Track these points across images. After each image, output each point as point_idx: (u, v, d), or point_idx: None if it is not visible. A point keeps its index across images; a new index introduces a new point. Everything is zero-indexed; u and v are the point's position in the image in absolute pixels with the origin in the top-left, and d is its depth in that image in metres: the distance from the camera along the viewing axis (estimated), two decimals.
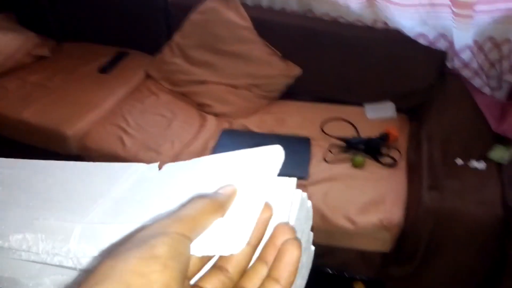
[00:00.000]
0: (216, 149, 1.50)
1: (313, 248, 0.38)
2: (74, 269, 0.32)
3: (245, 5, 1.72)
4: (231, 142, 1.54)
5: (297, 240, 0.27)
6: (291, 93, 1.75)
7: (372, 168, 1.39)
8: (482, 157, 1.31)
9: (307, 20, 1.70)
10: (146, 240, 0.22)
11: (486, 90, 1.50)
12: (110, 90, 1.80)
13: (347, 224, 1.23)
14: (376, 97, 1.67)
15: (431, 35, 1.52)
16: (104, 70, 1.87)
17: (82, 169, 0.42)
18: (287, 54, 1.70)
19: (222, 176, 0.31)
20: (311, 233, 0.37)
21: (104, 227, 0.31)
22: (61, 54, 2.02)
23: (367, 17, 1.60)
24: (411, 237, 1.20)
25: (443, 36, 1.51)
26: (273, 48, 1.69)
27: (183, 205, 0.26)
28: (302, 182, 1.35)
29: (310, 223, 0.35)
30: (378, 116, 1.62)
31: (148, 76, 1.88)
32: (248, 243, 0.26)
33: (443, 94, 1.54)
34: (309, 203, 0.35)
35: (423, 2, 1.46)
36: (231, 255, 0.26)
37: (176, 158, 1.49)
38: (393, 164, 1.40)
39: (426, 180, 1.24)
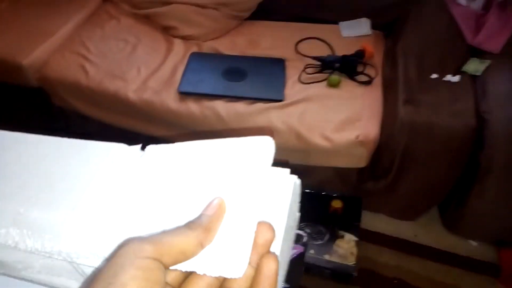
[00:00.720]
0: (185, 74, 1.42)
1: (298, 214, 0.38)
2: (65, 260, 0.32)
3: None
4: (201, 66, 1.46)
5: (273, 253, 0.27)
6: (263, 12, 1.65)
7: (348, 87, 1.37)
8: (457, 71, 1.30)
9: None
10: (116, 277, 0.21)
11: (462, 1, 1.46)
12: (66, 14, 1.66)
13: (323, 142, 1.22)
14: (351, 14, 1.60)
15: None
16: None
17: (58, 146, 0.38)
18: None
19: (213, 172, 0.30)
20: (298, 214, 0.37)
21: (91, 220, 0.31)
22: None
23: None
24: (387, 151, 1.22)
25: None
26: None
27: (164, 232, 0.25)
28: (278, 104, 1.31)
29: (298, 205, 0.35)
30: (353, 33, 1.57)
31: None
32: (249, 264, 0.26)
33: (418, 7, 1.49)
34: (298, 181, 0.34)
35: None
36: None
37: (143, 85, 1.41)
38: (368, 82, 1.37)
39: (401, 95, 1.23)
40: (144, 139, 0.59)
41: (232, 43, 1.58)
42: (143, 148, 0.36)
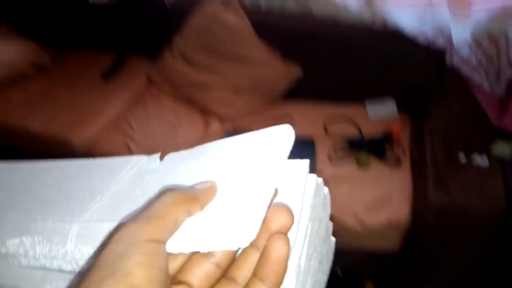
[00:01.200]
0: None
1: (333, 239, 0.35)
2: (74, 273, 0.30)
3: (244, 8, 1.73)
4: None
5: (286, 236, 0.24)
6: (293, 93, 1.77)
7: (377, 167, 1.42)
8: (485, 151, 1.33)
9: (306, 21, 1.71)
10: (121, 262, 0.19)
11: (485, 86, 1.53)
12: (113, 96, 1.81)
13: (355, 225, 1.25)
14: (377, 95, 1.69)
15: (429, 32, 1.54)
16: (106, 75, 1.88)
17: (82, 166, 0.40)
18: (287, 55, 1.71)
19: (228, 162, 0.28)
20: (331, 223, 0.33)
21: (101, 225, 0.29)
22: (62, 61, 2.02)
23: (366, 17, 1.62)
24: (419, 235, 1.23)
25: (441, 33, 1.54)
26: (273, 49, 1.71)
27: (151, 202, 0.23)
28: None
29: (328, 211, 0.32)
30: (380, 114, 1.65)
31: (150, 81, 1.89)
32: (257, 248, 0.24)
33: (443, 90, 1.57)
34: (326, 189, 0.31)
35: (421, 0, 1.49)
36: (243, 263, 0.24)
37: None
38: (397, 163, 1.42)
39: (430, 178, 1.27)
40: None
41: (264, 122, 1.69)
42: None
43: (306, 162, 0.30)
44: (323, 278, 0.33)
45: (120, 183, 0.35)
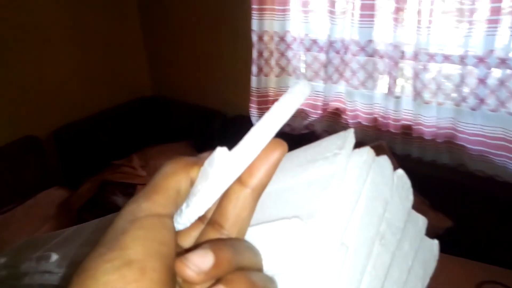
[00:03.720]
0: None
1: (435, 241, 0.31)
2: None
3: (394, 154, 1.85)
4: None
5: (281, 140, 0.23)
6: (442, 245, 1.71)
7: None
8: None
9: (459, 174, 1.73)
10: (118, 238, 0.19)
11: None
12: None
13: None
14: None
15: None
16: None
17: None
18: (437, 205, 1.72)
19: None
20: (421, 217, 0.29)
21: None
22: None
23: None
24: None
25: None
26: (423, 197, 1.74)
27: (154, 178, 0.23)
28: None
29: (404, 197, 0.27)
30: None
31: None
32: (249, 186, 0.22)
33: None
34: (400, 171, 0.27)
35: None
36: (227, 203, 0.22)
37: None
38: None
39: None
40: None
41: None
42: None
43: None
44: (413, 283, 0.28)
45: None
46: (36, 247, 0.51)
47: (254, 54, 2.06)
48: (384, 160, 0.26)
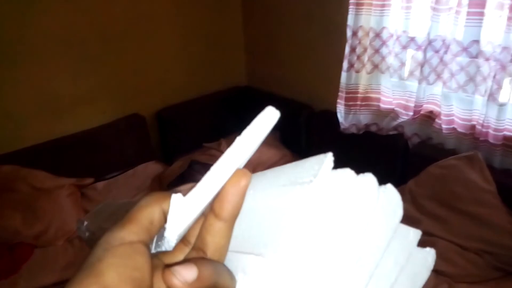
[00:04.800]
0: None
1: (432, 251, 0.30)
2: None
3: (491, 168, 1.68)
4: None
5: (245, 170, 0.24)
6: None
7: None
8: None
9: None
10: (94, 265, 0.21)
11: None
12: None
13: None
14: None
15: None
16: None
17: None
18: None
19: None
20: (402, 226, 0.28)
21: None
22: None
23: None
24: None
25: None
26: None
27: (132, 208, 0.24)
28: None
29: (398, 216, 0.27)
30: None
31: None
32: (222, 219, 0.24)
33: None
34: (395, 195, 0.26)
35: None
36: (206, 234, 0.24)
37: None
38: None
39: None
40: None
41: None
42: None
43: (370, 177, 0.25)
44: None
45: None
46: (115, 210, 0.59)
47: (347, 49, 2.02)
48: (367, 178, 0.25)
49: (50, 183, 1.96)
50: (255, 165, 2.17)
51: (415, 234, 0.29)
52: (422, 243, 0.30)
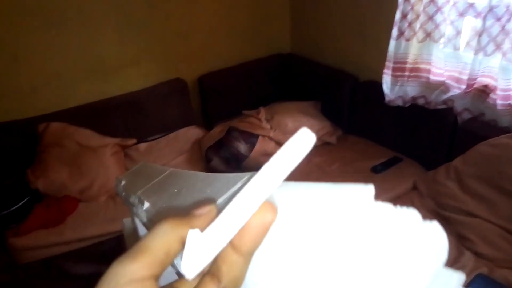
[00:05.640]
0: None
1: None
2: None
3: None
4: None
5: (272, 204, 0.22)
6: None
7: None
8: None
9: None
10: None
11: None
12: (376, 191, 1.94)
13: None
14: None
15: None
16: (376, 169, 2.04)
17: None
18: None
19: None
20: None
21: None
22: (344, 144, 2.33)
23: None
24: None
25: None
26: None
27: (145, 235, 0.22)
28: None
29: (442, 259, 0.25)
30: None
31: (415, 187, 1.92)
32: (240, 254, 0.22)
33: None
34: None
35: None
36: (222, 264, 0.22)
37: None
38: None
39: None
40: None
41: None
42: None
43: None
44: None
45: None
46: (148, 175, 0.59)
47: (397, 15, 1.89)
48: (410, 213, 0.25)
49: (95, 141, 2.06)
50: (292, 133, 2.14)
51: (458, 279, 0.27)
52: (464, 224, 0.28)
